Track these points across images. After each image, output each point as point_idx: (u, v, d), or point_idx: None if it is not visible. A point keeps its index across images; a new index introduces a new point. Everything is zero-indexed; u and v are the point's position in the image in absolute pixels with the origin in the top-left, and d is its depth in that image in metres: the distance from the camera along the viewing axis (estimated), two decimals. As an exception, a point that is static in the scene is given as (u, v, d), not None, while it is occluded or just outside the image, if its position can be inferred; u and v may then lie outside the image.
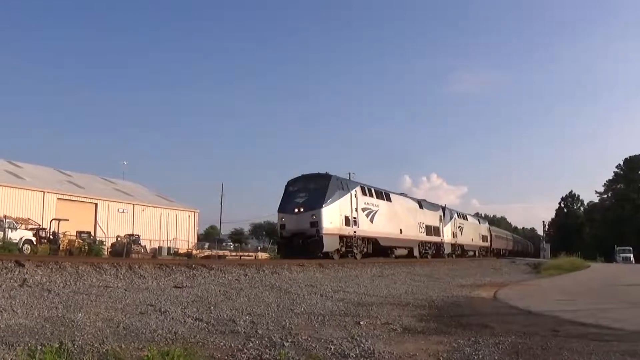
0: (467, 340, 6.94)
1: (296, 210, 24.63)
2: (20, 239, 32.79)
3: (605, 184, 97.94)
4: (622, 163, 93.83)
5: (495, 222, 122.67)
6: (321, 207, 23.94)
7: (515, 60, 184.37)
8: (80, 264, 13.03)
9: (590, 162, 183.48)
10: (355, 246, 26.28)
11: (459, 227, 45.15)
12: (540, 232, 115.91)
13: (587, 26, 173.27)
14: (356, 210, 26.58)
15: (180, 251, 49.10)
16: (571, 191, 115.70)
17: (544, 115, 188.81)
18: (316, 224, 23.70)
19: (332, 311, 9.77)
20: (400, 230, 32.19)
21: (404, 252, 33.12)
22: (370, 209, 28.42)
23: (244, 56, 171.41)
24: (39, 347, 5.34)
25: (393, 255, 31.09)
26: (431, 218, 38.33)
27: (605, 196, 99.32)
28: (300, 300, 11.08)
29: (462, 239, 45.76)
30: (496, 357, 5.99)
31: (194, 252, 48.94)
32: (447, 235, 41.14)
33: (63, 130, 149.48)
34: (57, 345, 5.33)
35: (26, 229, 36.76)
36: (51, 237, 36.95)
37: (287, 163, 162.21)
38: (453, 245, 42.82)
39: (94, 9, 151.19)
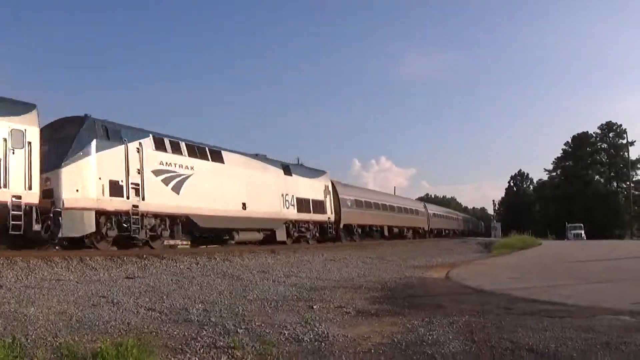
0: (421, 321, 7.02)
1: None
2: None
3: (554, 162, 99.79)
4: (570, 140, 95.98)
5: (445, 202, 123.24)
6: None
7: (468, 43, 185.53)
8: (31, 257, 12.86)
9: (539, 141, 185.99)
10: None
11: (153, 170, 19.07)
12: (490, 211, 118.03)
13: (539, 7, 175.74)
14: None
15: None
16: (520, 170, 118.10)
17: (493, 96, 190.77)
18: None
19: (285, 296, 9.81)
20: None
21: None
22: None
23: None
24: (-8, 343, 5.24)
25: None
26: None
27: (554, 174, 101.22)
28: (253, 287, 11.11)
29: (175, 201, 19.83)
30: (450, 337, 6.03)
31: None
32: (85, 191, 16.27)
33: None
34: (10, 340, 5.27)
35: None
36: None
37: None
38: (103, 214, 16.88)
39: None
